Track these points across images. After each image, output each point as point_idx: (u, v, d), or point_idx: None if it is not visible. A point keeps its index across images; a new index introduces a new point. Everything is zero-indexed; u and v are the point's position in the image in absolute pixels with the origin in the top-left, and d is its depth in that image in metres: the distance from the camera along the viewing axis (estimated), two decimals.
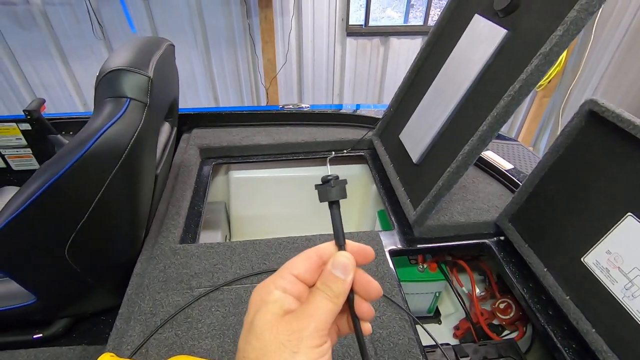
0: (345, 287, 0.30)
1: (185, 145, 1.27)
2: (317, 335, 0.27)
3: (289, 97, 3.29)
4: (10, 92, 2.93)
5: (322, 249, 0.32)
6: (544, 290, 0.75)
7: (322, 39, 3.01)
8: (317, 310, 0.29)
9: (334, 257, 0.31)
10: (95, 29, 2.67)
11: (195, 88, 3.12)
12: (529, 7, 0.75)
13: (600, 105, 0.67)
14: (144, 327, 0.70)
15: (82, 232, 0.70)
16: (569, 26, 0.62)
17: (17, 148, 1.43)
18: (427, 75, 1.06)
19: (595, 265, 0.65)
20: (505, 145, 1.27)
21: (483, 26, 0.86)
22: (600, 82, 2.79)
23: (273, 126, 1.37)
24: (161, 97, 0.82)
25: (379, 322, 0.72)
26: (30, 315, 0.84)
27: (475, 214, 0.94)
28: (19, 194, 0.63)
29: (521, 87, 0.68)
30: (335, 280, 0.30)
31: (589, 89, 2.86)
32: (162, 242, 0.89)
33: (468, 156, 0.78)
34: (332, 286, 0.29)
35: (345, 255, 0.31)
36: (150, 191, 0.86)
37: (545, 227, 0.77)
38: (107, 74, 0.69)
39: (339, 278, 0.30)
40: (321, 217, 1.46)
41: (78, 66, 2.88)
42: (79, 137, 0.64)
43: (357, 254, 0.32)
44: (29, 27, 2.63)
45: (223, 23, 2.82)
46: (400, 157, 1.08)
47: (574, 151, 0.73)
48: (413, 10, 3.20)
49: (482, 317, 0.95)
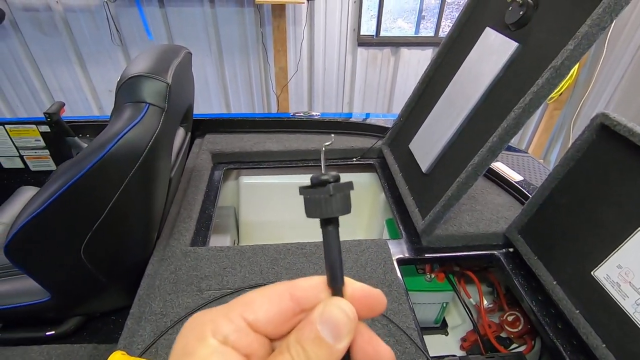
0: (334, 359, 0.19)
1: (197, 150, 1.29)
2: None
3: (299, 104, 3.33)
4: (30, 95, 3.02)
5: (300, 288, 0.21)
6: (553, 304, 0.75)
7: (334, 48, 3.05)
8: None
9: (323, 305, 0.20)
10: (114, 35, 2.74)
11: (207, 94, 3.18)
12: (540, 21, 0.76)
13: (611, 119, 0.67)
14: (154, 327, 0.71)
15: (98, 232, 0.72)
16: (580, 41, 0.62)
17: (36, 149, 1.47)
18: (437, 86, 1.07)
19: (606, 280, 0.65)
20: (516, 157, 1.27)
21: (494, 39, 0.87)
22: (612, 95, 2.77)
23: (284, 133, 1.39)
24: (178, 103, 0.85)
25: (386, 331, 0.72)
26: (44, 312, 0.86)
27: (484, 225, 0.94)
28: (40, 193, 0.66)
29: (532, 100, 0.69)
30: (320, 344, 0.19)
31: (601, 102, 2.84)
32: (173, 244, 0.90)
33: (478, 167, 0.78)
34: (311, 352, 0.18)
35: (342, 306, 0.20)
36: (164, 194, 0.88)
37: (555, 239, 0.77)
38: (128, 79, 0.72)
39: (324, 341, 0.19)
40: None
41: (95, 71, 2.96)
42: (99, 139, 0.67)
43: (360, 301, 0.21)
44: (50, 32, 2.72)
45: (237, 31, 2.88)
46: (409, 166, 1.08)
47: (585, 164, 0.74)
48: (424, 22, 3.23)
49: (489, 330, 0.95)
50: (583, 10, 0.64)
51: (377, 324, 0.73)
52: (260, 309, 0.20)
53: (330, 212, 0.20)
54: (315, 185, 0.21)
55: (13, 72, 2.89)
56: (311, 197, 0.21)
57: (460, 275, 1.05)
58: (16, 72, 2.90)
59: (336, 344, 0.19)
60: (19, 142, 1.45)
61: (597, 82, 2.82)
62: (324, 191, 0.20)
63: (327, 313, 0.19)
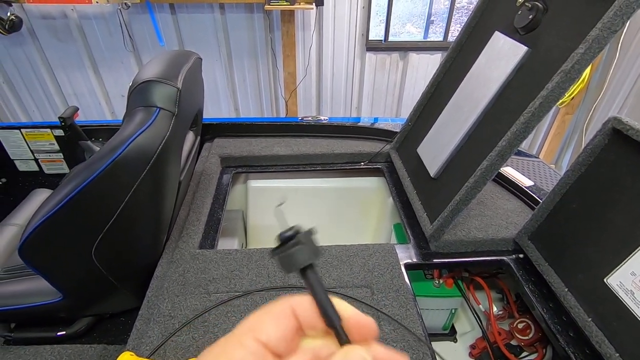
0: None
1: (207, 154, 1.31)
2: None
3: (307, 109, 3.35)
4: (45, 100, 3.10)
5: (299, 306, 0.22)
6: (565, 311, 0.73)
7: (342, 53, 3.06)
8: None
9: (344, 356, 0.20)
10: (126, 41, 2.80)
11: (217, 98, 3.22)
12: (550, 25, 0.75)
13: (624, 124, 0.66)
14: (163, 328, 0.72)
15: (108, 234, 0.73)
16: (591, 44, 0.62)
17: (50, 153, 1.51)
18: (446, 90, 1.07)
19: (619, 287, 0.63)
20: (526, 162, 1.25)
21: (503, 43, 0.86)
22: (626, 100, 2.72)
23: (292, 137, 1.40)
24: (188, 107, 0.86)
25: (394, 337, 0.72)
26: (55, 312, 0.87)
27: (493, 230, 0.93)
28: (53, 196, 0.67)
29: (541, 104, 0.68)
30: None
31: (614, 106, 2.79)
32: (182, 246, 0.91)
33: (486, 171, 0.78)
34: None
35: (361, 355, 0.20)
36: (173, 197, 0.89)
37: (567, 245, 0.76)
38: (139, 84, 0.74)
39: None
40: (339, 227, 1.47)
41: (108, 76, 3.02)
42: (111, 143, 0.68)
43: (353, 329, 0.22)
44: (65, 39, 2.79)
45: (246, 37, 2.91)
46: (417, 170, 1.08)
47: (597, 169, 0.72)
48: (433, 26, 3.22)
49: (499, 337, 0.93)
50: (594, 13, 0.64)
51: (385, 329, 0.72)
52: (270, 328, 0.20)
53: (306, 259, 0.22)
54: (283, 243, 0.22)
55: (29, 78, 2.98)
56: (283, 254, 0.22)
57: (469, 281, 1.04)
58: (32, 78, 2.98)
59: None
60: (34, 145, 1.48)
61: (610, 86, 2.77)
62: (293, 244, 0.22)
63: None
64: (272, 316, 0.21)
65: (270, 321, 0.21)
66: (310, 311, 0.21)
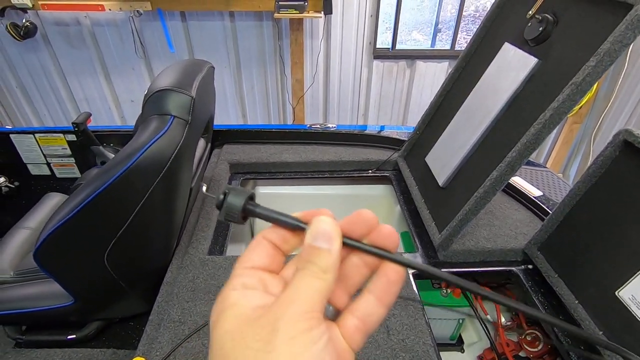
0: (333, 258, 0.23)
1: (216, 160, 1.32)
2: (300, 318, 0.20)
3: (314, 116, 3.36)
4: (57, 105, 3.16)
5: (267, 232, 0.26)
6: (575, 324, 0.73)
7: (350, 61, 3.08)
8: (297, 292, 0.22)
9: (311, 228, 0.24)
10: (137, 48, 2.85)
11: (225, 105, 3.25)
12: (560, 37, 0.76)
13: (635, 136, 0.66)
14: (173, 334, 0.72)
15: (121, 239, 0.75)
16: (602, 57, 0.62)
17: (62, 157, 1.53)
18: (455, 99, 1.07)
19: (631, 301, 0.63)
20: (534, 172, 1.25)
21: (513, 54, 0.87)
22: (635, 109, 2.70)
23: (300, 144, 1.41)
24: (200, 115, 0.88)
25: (402, 346, 0.72)
26: (66, 316, 0.88)
27: (502, 241, 0.93)
28: (69, 200, 0.68)
29: (552, 116, 0.69)
30: (319, 252, 0.23)
31: (622, 117, 2.77)
32: (192, 252, 0.92)
33: (496, 182, 0.78)
34: (315, 260, 0.23)
35: (323, 220, 0.24)
36: (184, 203, 0.90)
37: (577, 257, 0.75)
38: (155, 93, 0.75)
39: (322, 249, 0.23)
40: None
41: (119, 82, 3.07)
42: (126, 150, 0.69)
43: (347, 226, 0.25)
44: (78, 45, 2.85)
45: (255, 44, 2.95)
46: (426, 179, 1.08)
47: (608, 181, 0.72)
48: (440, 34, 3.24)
49: (507, 348, 0.92)
50: (605, 26, 0.64)
51: (394, 338, 0.72)
52: (252, 256, 0.25)
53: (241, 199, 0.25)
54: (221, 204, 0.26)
55: (42, 83, 3.03)
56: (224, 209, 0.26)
57: None
58: (45, 83, 3.03)
59: (331, 246, 0.23)
60: (47, 150, 1.51)
61: (619, 96, 2.76)
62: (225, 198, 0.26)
63: (315, 229, 0.24)
64: (250, 248, 0.26)
65: (250, 251, 0.25)
66: (276, 231, 0.26)
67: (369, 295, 0.25)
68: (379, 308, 0.25)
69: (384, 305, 0.25)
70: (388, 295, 0.25)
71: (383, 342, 0.72)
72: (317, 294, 0.22)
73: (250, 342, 0.20)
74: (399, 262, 0.25)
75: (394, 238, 0.25)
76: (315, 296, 0.22)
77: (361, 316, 0.25)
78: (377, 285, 0.25)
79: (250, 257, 0.25)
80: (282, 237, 0.26)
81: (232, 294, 0.23)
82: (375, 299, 0.25)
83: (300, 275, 0.23)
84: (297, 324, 0.20)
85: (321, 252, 0.23)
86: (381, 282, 0.25)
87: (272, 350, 0.19)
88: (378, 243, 0.25)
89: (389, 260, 0.25)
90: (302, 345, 0.20)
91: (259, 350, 0.19)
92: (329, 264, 0.23)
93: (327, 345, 0.21)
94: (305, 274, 0.22)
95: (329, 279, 0.22)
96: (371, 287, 0.25)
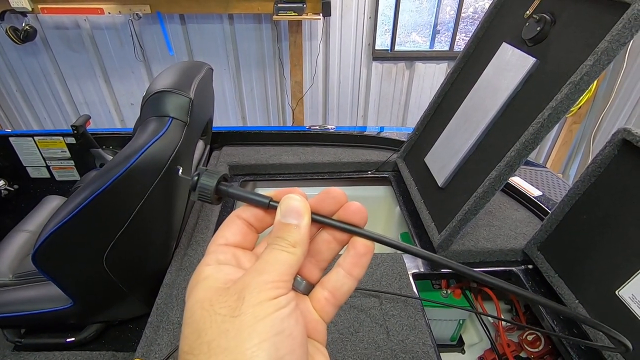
0: (302, 233, 0.24)
1: (215, 162, 1.32)
2: (266, 287, 0.21)
3: (314, 118, 3.37)
4: (56, 108, 3.16)
5: (241, 210, 0.27)
6: (576, 324, 0.73)
7: (349, 62, 3.09)
8: (266, 264, 0.23)
9: (280, 206, 0.25)
10: (137, 51, 2.86)
11: (225, 107, 3.25)
12: (558, 37, 0.76)
13: (634, 135, 0.66)
14: (172, 337, 0.72)
15: (120, 241, 0.74)
16: (599, 56, 0.62)
17: (62, 160, 1.53)
18: (453, 100, 1.07)
19: (632, 300, 0.63)
20: (534, 172, 1.25)
21: (511, 54, 0.87)
22: (634, 109, 2.71)
23: (299, 146, 1.41)
24: (199, 117, 0.88)
25: (402, 347, 0.71)
26: (65, 318, 0.88)
27: (502, 241, 0.92)
28: (68, 203, 0.68)
29: (550, 115, 0.69)
30: (289, 227, 0.24)
31: (622, 116, 2.77)
32: (191, 254, 0.92)
33: (495, 182, 0.78)
34: (285, 236, 0.24)
35: (292, 197, 0.25)
36: (183, 205, 0.90)
37: (577, 257, 0.75)
38: (153, 94, 0.75)
39: (291, 225, 0.24)
40: None
41: (119, 85, 3.08)
42: (125, 152, 0.69)
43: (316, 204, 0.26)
44: (78, 49, 2.86)
45: (254, 47, 2.95)
46: (425, 180, 1.08)
47: (607, 180, 0.72)
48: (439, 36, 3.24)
49: (508, 349, 0.92)
50: (602, 26, 0.64)
51: (394, 339, 0.72)
52: (225, 233, 0.26)
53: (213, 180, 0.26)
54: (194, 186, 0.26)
55: (42, 87, 3.04)
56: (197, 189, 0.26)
57: (477, 292, 1.03)
58: (45, 87, 3.04)
59: (300, 221, 0.24)
60: (46, 153, 1.51)
61: (618, 95, 2.76)
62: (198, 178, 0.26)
63: (284, 206, 0.25)
64: (223, 226, 0.27)
65: (223, 229, 0.26)
66: (249, 210, 0.26)
67: (339, 268, 0.26)
68: (348, 280, 0.26)
69: (353, 277, 0.26)
70: (357, 268, 0.26)
71: (383, 343, 0.72)
72: (285, 265, 0.23)
73: (218, 309, 0.21)
74: (365, 235, 0.26)
75: (362, 214, 0.26)
76: (283, 268, 0.23)
77: (331, 289, 0.26)
78: (346, 259, 0.26)
79: (224, 235, 0.26)
80: (255, 216, 0.26)
81: (205, 269, 0.24)
82: (345, 272, 0.26)
83: (269, 249, 0.24)
84: (263, 292, 0.21)
85: (290, 228, 0.24)
86: (350, 256, 0.26)
87: (238, 315, 0.20)
88: (347, 219, 0.26)
89: (355, 234, 0.26)
90: (266, 310, 0.20)
91: (226, 315, 0.20)
92: (297, 239, 0.24)
93: (294, 313, 0.22)
94: (274, 247, 0.23)
95: (297, 253, 0.23)
96: (340, 261, 0.26)
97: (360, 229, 0.26)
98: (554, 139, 3.28)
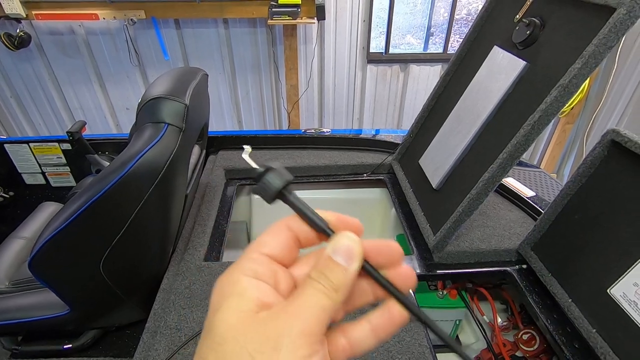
0: (348, 278, 0.23)
1: (211, 166, 1.32)
2: (303, 342, 0.20)
3: (309, 121, 3.38)
4: (51, 114, 3.15)
5: (292, 221, 0.25)
6: (569, 322, 0.74)
7: (343, 66, 3.11)
8: (305, 307, 0.21)
9: (334, 240, 0.23)
10: (132, 56, 2.86)
11: (221, 111, 3.25)
12: (547, 40, 0.77)
13: (622, 136, 0.68)
14: (169, 341, 0.72)
15: (116, 247, 0.75)
16: (587, 60, 0.64)
17: (57, 166, 1.53)
18: (446, 103, 1.09)
19: (622, 298, 0.64)
20: (527, 172, 1.26)
21: (502, 57, 0.88)
22: (625, 109, 2.74)
23: (295, 149, 1.42)
24: (195, 123, 0.88)
25: (398, 348, 0.72)
26: (62, 325, 0.88)
27: (496, 241, 0.94)
28: (64, 209, 0.69)
29: (541, 117, 0.70)
30: (336, 267, 0.22)
31: (614, 116, 2.81)
32: (188, 259, 0.92)
33: (488, 183, 0.79)
34: (329, 275, 0.22)
35: (349, 236, 0.23)
36: (180, 210, 0.91)
37: (569, 256, 0.76)
38: (149, 101, 0.76)
39: (339, 265, 0.22)
40: None
41: (114, 90, 3.07)
42: (121, 158, 0.70)
43: (340, 225, 0.25)
44: (72, 54, 2.85)
45: (249, 51, 2.96)
46: (419, 182, 1.09)
47: (597, 180, 0.73)
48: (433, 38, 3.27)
49: (504, 348, 0.93)
50: (589, 29, 0.66)
51: (390, 340, 0.73)
52: (271, 242, 0.24)
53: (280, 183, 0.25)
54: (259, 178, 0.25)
55: (37, 93, 3.03)
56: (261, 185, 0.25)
57: (473, 292, 1.04)
58: (39, 93, 3.03)
59: (349, 265, 0.23)
60: (42, 159, 1.51)
61: (609, 95, 2.80)
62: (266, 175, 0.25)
63: (338, 243, 0.23)
64: (271, 233, 0.25)
65: (270, 236, 0.25)
66: (302, 224, 0.25)
67: (366, 324, 0.24)
68: (371, 338, 0.24)
69: (377, 338, 0.24)
70: (384, 331, 0.24)
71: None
72: (322, 312, 0.21)
73: (253, 352, 0.20)
74: (410, 309, 0.24)
75: (412, 281, 0.25)
76: (321, 315, 0.21)
77: (352, 340, 0.24)
78: (377, 318, 0.24)
79: (269, 243, 0.24)
80: (305, 232, 0.25)
81: (242, 279, 0.22)
82: (371, 330, 0.24)
83: (309, 286, 0.22)
84: (299, 349, 0.20)
85: (337, 268, 0.22)
86: (382, 317, 0.24)
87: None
88: (394, 279, 0.25)
89: (400, 304, 0.24)
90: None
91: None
92: (341, 283, 0.22)
93: None
94: (315, 287, 0.22)
95: (337, 299, 0.22)
96: (371, 318, 0.25)
97: (406, 299, 0.24)
98: (547, 139, 3.31)
